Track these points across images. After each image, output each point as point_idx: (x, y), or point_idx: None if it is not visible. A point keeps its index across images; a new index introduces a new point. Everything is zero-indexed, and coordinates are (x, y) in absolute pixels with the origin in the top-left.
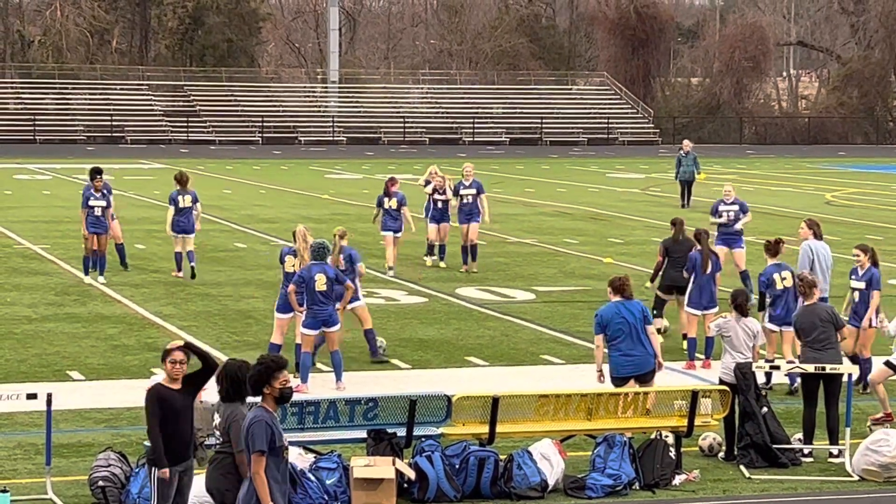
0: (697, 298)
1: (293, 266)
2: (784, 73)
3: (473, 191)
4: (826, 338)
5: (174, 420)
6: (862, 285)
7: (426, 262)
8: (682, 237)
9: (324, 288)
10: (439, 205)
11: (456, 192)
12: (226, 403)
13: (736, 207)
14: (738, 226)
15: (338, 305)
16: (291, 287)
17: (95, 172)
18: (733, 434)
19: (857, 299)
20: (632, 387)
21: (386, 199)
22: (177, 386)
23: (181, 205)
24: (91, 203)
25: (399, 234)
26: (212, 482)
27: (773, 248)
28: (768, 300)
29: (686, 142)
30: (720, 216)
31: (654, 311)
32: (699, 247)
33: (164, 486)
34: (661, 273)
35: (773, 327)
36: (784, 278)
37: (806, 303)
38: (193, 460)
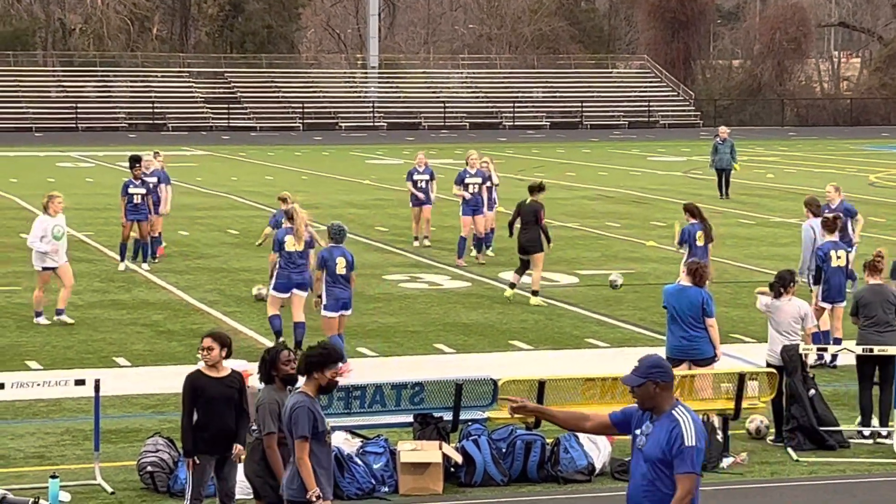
0: None
1: (293, 245)
2: (825, 55)
3: (479, 180)
4: (888, 320)
5: (208, 408)
6: None
7: (472, 254)
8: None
9: (344, 271)
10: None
11: (460, 182)
12: (261, 387)
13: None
14: (853, 235)
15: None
16: (318, 273)
17: (134, 161)
18: (781, 417)
19: None
20: (685, 369)
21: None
22: (216, 374)
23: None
24: (130, 191)
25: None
26: (247, 468)
27: (830, 224)
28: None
29: (722, 128)
30: None
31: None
32: (694, 220)
33: (197, 473)
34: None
35: (825, 304)
36: (839, 256)
37: (872, 281)
38: (243, 441)
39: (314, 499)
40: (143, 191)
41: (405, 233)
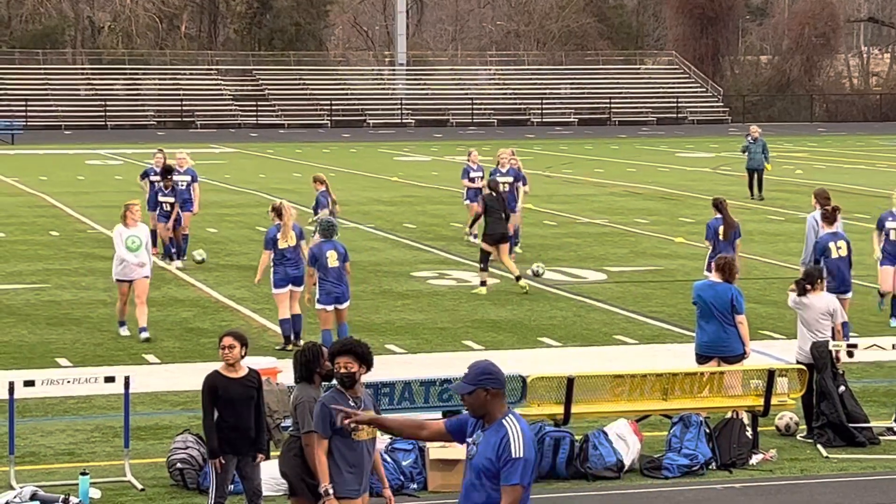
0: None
1: (285, 242)
2: (854, 50)
3: (510, 179)
4: None
5: (229, 408)
6: None
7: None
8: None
9: (336, 264)
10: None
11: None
12: (297, 385)
13: None
14: None
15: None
16: (311, 270)
17: (166, 173)
18: (811, 413)
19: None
20: (713, 366)
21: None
22: (234, 374)
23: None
24: (160, 199)
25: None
26: (283, 464)
27: (830, 216)
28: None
29: (754, 127)
30: (888, 233)
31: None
32: (719, 214)
33: (220, 474)
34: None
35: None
36: (839, 247)
37: None
38: (264, 446)
39: (323, 493)
40: (172, 199)
41: (433, 229)
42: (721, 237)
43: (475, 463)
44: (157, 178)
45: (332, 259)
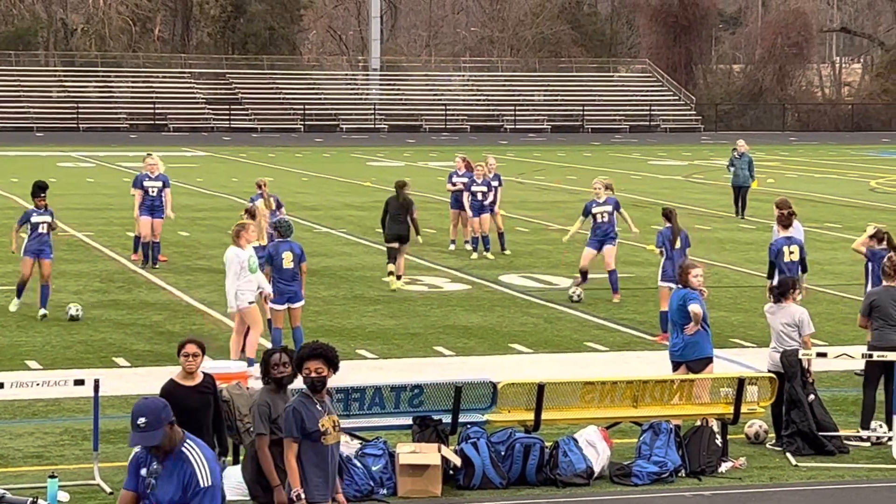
0: (671, 272)
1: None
2: (827, 60)
3: (484, 188)
4: None
5: (187, 417)
6: None
7: (472, 256)
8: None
9: (291, 265)
10: (479, 196)
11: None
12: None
13: None
14: None
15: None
16: (268, 269)
17: (39, 190)
18: (781, 421)
19: None
20: (682, 373)
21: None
22: (192, 382)
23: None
24: (33, 219)
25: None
26: (242, 468)
27: (785, 220)
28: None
29: (740, 142)
30: None
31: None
32: (669, 223)
33: None
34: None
35: None
36: (792, 252)
37: (887, 283)
38: (226, 447)
39: (294, 498)
40: (48, 219)
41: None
42: (672, 245)
43: (161, 497)
44: (151, 183)
45: (288, 260)
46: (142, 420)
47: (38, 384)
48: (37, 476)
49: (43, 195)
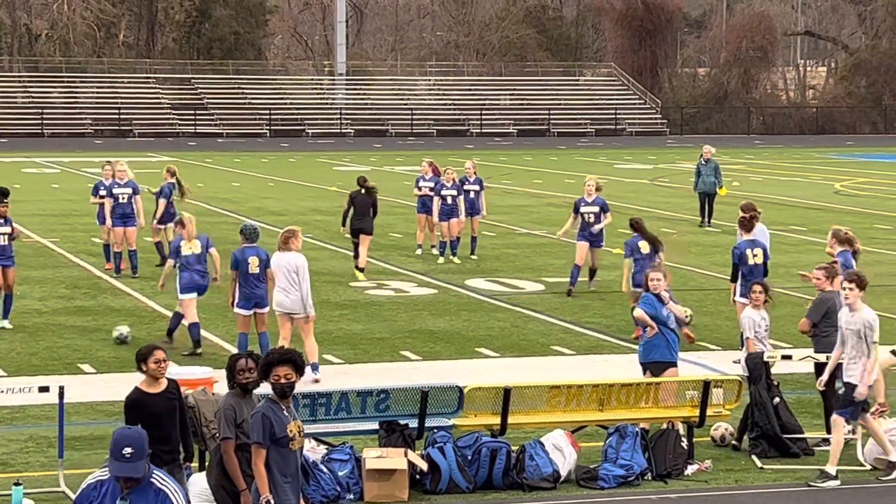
0: (640, 278)
1: (189, 249)
2: (791, 63)
3: (476, 187)
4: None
5: (154, 423)
6: None
7: (439, 261)
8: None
9: (257, 270)
10: (448, 200)
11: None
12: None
13: None
14: None
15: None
16: (232, 273)
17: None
18: (745, 424)
19: None
20: (647, 376)
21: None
22: (157, 388)
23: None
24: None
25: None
26: (207, 473)
27: (747, 223)
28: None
29: (707, 147)
30: None
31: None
32: (636, 233)
33: None
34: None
35: (743, 301)
36: (755, 255)
37: (830, 288)
38: (191, 452)
39: None
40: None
41: (371, 240)
42: (643, 251)
43: None
44: (121, 190)
45: (254, 265)
46: (128, 450)
47: (2, 391)
48: (1, 483)
49: (5, 201)
